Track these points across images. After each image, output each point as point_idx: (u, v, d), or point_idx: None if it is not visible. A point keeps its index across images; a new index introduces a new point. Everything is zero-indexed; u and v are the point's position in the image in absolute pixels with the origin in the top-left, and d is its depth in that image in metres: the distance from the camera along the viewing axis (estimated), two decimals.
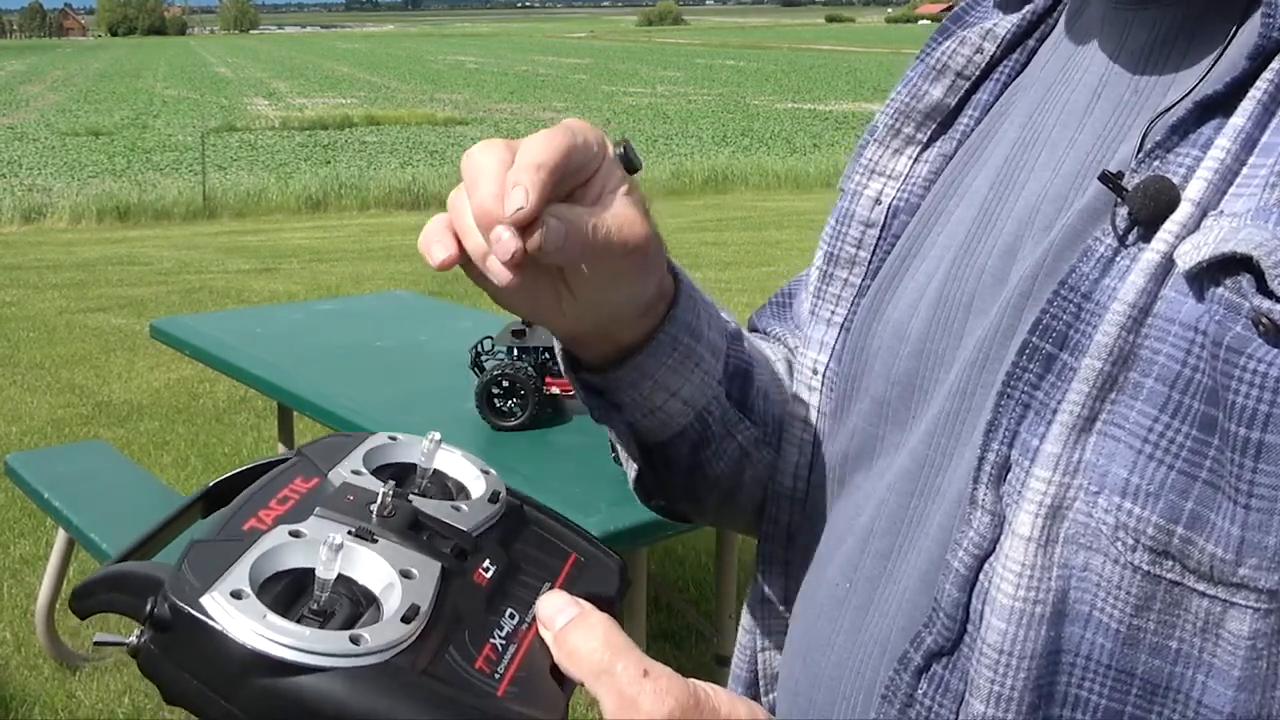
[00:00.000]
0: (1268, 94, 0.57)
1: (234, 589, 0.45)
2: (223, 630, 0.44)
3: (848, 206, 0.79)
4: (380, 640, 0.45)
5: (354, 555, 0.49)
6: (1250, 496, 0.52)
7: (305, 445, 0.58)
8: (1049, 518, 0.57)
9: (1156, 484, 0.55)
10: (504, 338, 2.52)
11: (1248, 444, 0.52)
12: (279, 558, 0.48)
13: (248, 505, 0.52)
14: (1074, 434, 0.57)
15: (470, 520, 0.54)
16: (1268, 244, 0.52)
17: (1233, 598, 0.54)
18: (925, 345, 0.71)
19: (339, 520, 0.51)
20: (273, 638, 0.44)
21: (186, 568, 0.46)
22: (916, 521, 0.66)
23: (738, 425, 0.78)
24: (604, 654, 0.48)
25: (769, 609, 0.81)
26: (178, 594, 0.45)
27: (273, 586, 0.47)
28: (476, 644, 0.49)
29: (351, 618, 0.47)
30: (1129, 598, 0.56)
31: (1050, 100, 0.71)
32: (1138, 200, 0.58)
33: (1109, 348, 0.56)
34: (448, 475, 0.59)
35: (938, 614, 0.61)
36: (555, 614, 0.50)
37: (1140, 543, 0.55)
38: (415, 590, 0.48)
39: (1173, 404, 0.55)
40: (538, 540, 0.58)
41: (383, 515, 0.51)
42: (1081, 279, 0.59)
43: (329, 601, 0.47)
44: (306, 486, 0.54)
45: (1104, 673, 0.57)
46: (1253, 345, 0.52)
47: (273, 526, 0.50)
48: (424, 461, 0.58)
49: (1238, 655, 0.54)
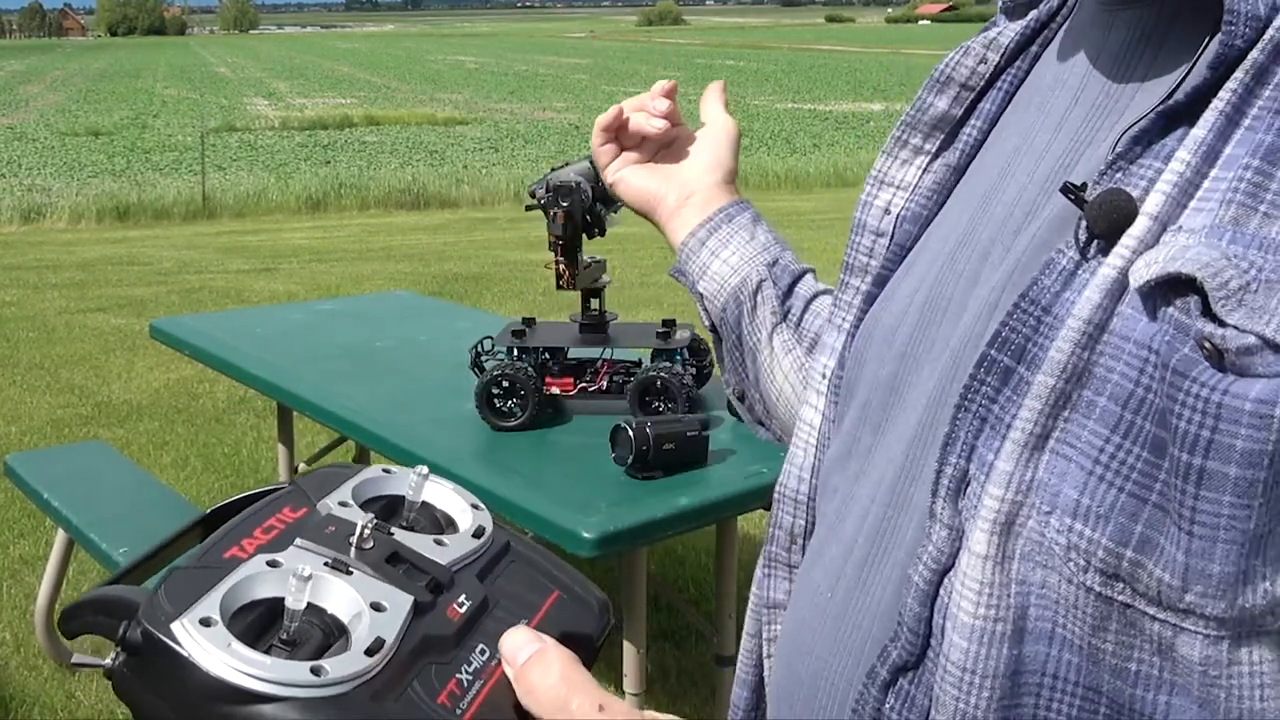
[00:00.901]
0: (1231, 104, 0.55)
1: (203, 616, 0.46)
2: (189, 656, 0.45)
3: (860, 216, 0.80)
4: (341, 671, 0.46)
5: (327, 586, 0.50)
6: (1193, 524, 0.51)
7: (302, 475, 0.59)
8: (1003, 535, 0.57)
9: (1106, 506, 0.54)
10: (504, 338, 2.52)
11: (1190, 470, 0.51)
12: (253, 587, 0.49)
13: (232, 533, 0.53)
14: (1027, 451, 0.56)
15: (450, 555, 0.55)
16: (1214, 264, 0.51)
17: (1182, 623, 0.53)
18: (907, 349, 0.71)
19: (317, 551, 0.52)
20: (236, 666, 0.45)
21: (162, 593, 0.47)
22: (892, 533, 0.66)
23: (775, 306, 0.95)
24: (560, 689, 0.48)
25: (774, 613, 0.81)
26: (149, 619, 0.46)
27: (246, 615, 0.48)
28: (442, 679, 0.49)
29: (321, 648, 0.48)
30: (1086, 617, 0.55)
31: (1042, 106, 0.71)
32: (1095, 214, 0.57)
33: (1062, 364, 0.55)
34: (436, 508, 0.59)
35: (901, 628, 0.61)
36: (517, 650, 0.50)
37: (1091, 564, 0.55)
38: (383, 623, 0.49)
39: (1124, 424, 0.54)
40: (521, 576, 0.58)
41: (361, 547, 0.52)
42: (1042, 292, 0.58)
43: (299, 631, 0.48)
44: (293, 516, 0.55)
45: (1072, 691, 0.56)
46: (1198, 369, 0.51)
47: (253, 555, 0.51)
48: (412, 494, 0.58)
49: (1193, 679, 0.53)
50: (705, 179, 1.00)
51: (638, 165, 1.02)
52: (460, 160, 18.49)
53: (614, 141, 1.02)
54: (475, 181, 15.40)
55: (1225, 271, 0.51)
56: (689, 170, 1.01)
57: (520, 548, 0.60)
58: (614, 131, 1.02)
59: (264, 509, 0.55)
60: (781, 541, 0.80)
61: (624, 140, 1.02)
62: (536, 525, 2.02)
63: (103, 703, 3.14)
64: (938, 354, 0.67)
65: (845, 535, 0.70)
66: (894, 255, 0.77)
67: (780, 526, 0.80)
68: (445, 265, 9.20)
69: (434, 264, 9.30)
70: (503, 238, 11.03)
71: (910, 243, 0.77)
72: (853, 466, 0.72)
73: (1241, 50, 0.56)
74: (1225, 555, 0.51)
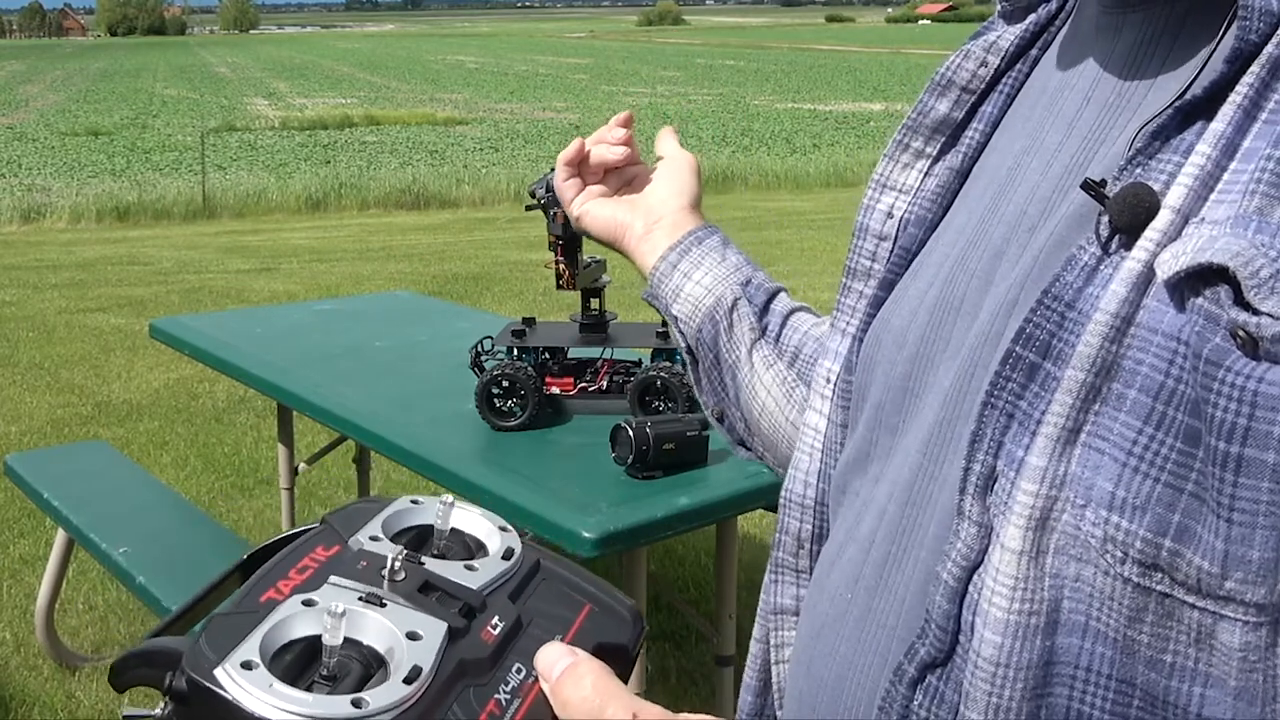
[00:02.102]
0: (1248, 98, 0.56)
1: (245, 660, 0.48)
2: (234, 700, 0.47)
3: (863, 220, 0.80)
4: (382, 702, 0.47)
5: (363, 620, 0.52)
6: (1232, 511, 0.52)
7: (330, 513, 0.60)
8: (1037, 530, 0.57)
9: (1142, 497, 0.54)
10: (504, 338, 2.52)
11: (1227, 458, 0.51)
12: (291, 627, 0.51)
13: (268, 576, 0.55)
14: (1058, 446, 0.57)
15: (480, 579, 0.56)
16: (1244, 254, 0.52)
17: (1222, 610, 0.53)
18: (919, 349, 0.71)
19: (351, 587, 0.53)
20: (280, 706, 0.46)
21: (203, 641, 0.49)
22: (913, 531, 0.66)
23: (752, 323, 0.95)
24: (594, 700, 0.49)
25: (782, 619, 0.81)
26: (193, 667, 0.48)
27: (285, 655, 0.50)
28: (481, 700, 0.50)
29: (362, 680, 0.50)
30: (1122, 609, 0.56)
31: (1047, 109, 0.71)
32: (1117, 208, 0.57)
33: (1091, 358, 0.56)
34: (466, 534, 0.61)
35: (929, 625, 0.61)
36: (551, 665, 0.51)
37: (1129, 555, 0.55)
38: (419, 651, 0.50)
39: (1156, 415, 0.54)
40: (552, 593, 0.59)
41: (393, 580, 0.54)
42: (1065, 287, 0.58)
43: (339, 666, 0.50)
44: (326, 555, 0.56)
45: (1105, 683, 0.57)
46: (1231, 358, 0.51)
47: (289, 596, 0.52)
48: (439, 523, 0.60)
49: (1231, 666, 0.54)
50: (671, 204, 1.00)
51: (602, 198, 1.02)
52: (460, 160, 18.50)
53: (577, 176, 1.03)
54: (475, 181, 15.42)
55: (1256, 260, 0.52)
56: (654, 197, 1.01)
57: (550, 565, 0.61)
58: (577, 165, 1.02)
59: (297, 550, 0.57)
60: (788, 547, 0.80)
61: (586, 175, 1.03)
62: (537, 525, 2.02)
63: (103, 703, 3.14)
64: (953, 353, 0.68)
65: (862, 536, 0.70)
66: (900, 259, 0.77)
67: (787, 532, 0.80)
68: (445, 265, 9.20)
69: (434, 264, 9.31)
70: (503, 238, 11.03)
71: (915, 246, 0.77)
72: (872, 470, 0.72)
73: (1256, 45, 0.56)
74: (1265, 541, 0.51)
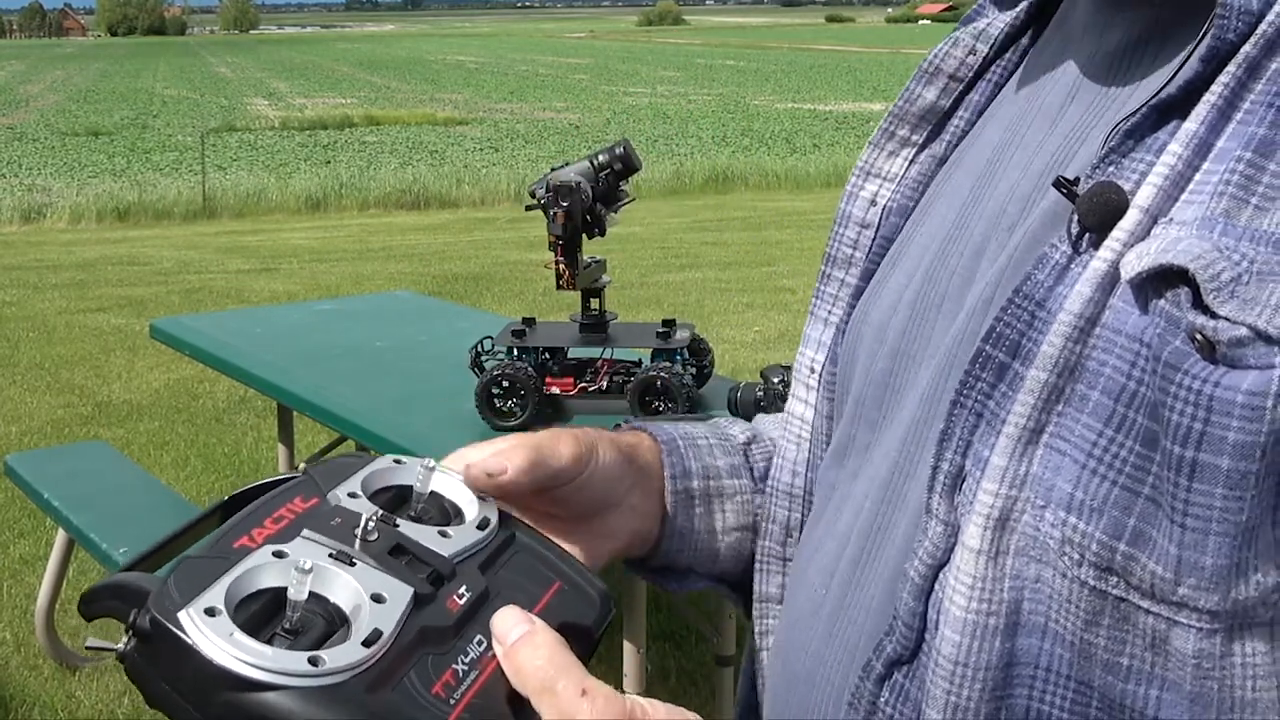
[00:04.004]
0: (1223, 98, 0.55)
1: (209, 606, 0.48)
2: (194, 645, 0.47)
3: (845, 208, 0.79)
4: (339, 662, 0.47)
5: (331, 578, 0.51)
6: (1186, 516, 0.51)
7: (314, 465, 0.60)
8: (997, 530, 0.57)
9: (1099, 499, 0.54)
10: (504, 338, 2.52)
11: (1182, 462, 0.51)
12: (258, 577, 0.50)
13: (243, 523, 0.54)
14: (1020, 446, 0.56)
15: (453, 546, 0.56)
16: (1205, 256, 0.51)
17: (1175, 616, 0.53)
18: (900, 345, 0.70)
19: (322, 542, 0.53)
20: (237, 655, 0.46)
21: (171, 582, 0.49)
22: (885, 529, 0.66)
23: None
24: (547, 670, 0.49)
25: (767, 607, 0.81)
26: (158, 607, 0.48)
27: (251, 604, 0.50)
28: (438, 669, 0.50)
29: (324, 637, 0.49)
30: (1079, 612, 0.55)
31: (1032, 102, 0.70)
32: (1085, 207, 0.57)
33: (1054, 358, 0.55)
34: (445, 498, 0.60)
35: (896, 623, 0.61)
36: (507, 630, 0.51)
37: (1085, 558, 0.55)
38: (382, 614, 0.50)
39: (1117, 418, 0.54)
40: (523, 567, 0.59)
41: (365, 540, 0.53)
42: (1036, 286, 0.58)
43: (303, 620, 0.50)
44: (304, 507, 0.56)
45: (1064, 685, 0.56)
46: (1189, 361, 0.51)
47: (261, 545, 0.52)
48: (419, 486, 0.59)
49: (1185, 672, 0.53)
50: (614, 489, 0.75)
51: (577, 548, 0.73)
52: (460, 160, 18.50)
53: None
54: (475, 181, 15.42)
55: (1217, 264, 0.51)
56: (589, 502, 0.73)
57: (525, 539, 0.61)
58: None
59: (276, 498, 0.56)
60: (775, 536, 0.80)
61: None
62: None
63: (103, 703, 3.14)
64: (933, 351, 0.67)
65: (839, 531, 0.70)
66: (881, 248, 0.77)
67: (774, 521, 0.80)
68: (445, 265, 9.21)
69: (434, 264, 9.31)
70: (503, 238, 11.03)
71: (896, 235, 0.76)
72: (850, 464, 0.72)
73: (1234, 44, 0.56)
74: (1218, 548, 0.51)
